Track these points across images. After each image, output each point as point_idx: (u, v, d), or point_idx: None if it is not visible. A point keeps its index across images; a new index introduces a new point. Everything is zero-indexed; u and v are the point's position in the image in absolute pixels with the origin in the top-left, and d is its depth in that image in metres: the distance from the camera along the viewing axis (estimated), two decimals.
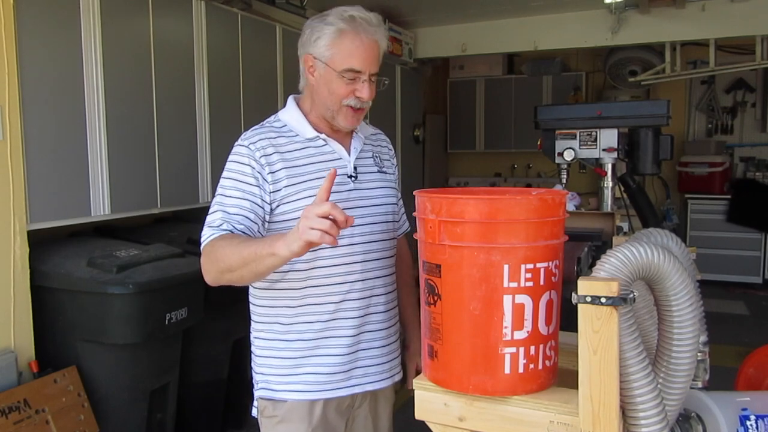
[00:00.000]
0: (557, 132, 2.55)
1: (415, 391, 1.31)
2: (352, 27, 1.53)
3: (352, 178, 1.64)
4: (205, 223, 1.52)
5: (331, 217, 1.25)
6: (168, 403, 2.77)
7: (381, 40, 1.57)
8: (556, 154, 2.56)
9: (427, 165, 6.96)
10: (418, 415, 1.31)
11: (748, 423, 1.31)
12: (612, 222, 2.48)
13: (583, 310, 1.11)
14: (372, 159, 1.72)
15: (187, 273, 2.61)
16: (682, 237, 2.72)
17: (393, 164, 1.80)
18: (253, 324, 1.68)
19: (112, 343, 2.51)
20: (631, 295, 1.10)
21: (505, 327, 1.18)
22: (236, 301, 2.08)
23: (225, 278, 1.45)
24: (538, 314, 1.19)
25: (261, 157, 1.54)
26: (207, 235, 1.49)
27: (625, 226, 2.65)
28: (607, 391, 1.10)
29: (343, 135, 1.67)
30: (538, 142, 2.63)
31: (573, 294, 1.10)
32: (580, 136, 2.53)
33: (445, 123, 7.53)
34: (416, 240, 1.29)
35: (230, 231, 1.48)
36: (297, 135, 1.62)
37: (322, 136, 1.62)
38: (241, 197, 1.52)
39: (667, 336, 1.18)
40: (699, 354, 1.31)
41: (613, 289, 1.08)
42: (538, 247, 1.18)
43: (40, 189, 2.58)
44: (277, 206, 1.55)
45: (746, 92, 6.85)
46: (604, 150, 2.51)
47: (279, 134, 1.61)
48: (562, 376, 1.27)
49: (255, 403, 1.68)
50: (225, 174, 1.56)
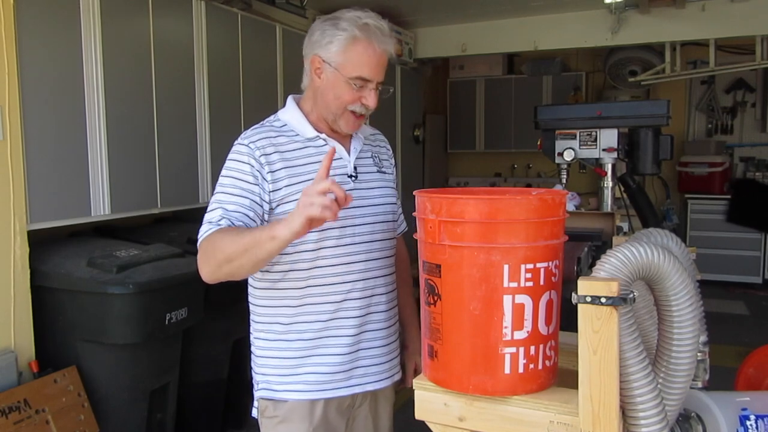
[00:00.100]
0: (557, 132, 2.55)
1: (415, 391, 1.31)
2: (365, 35, 1.53)
3: (353, 178, 1.64)
4: (203, 220, 1.52)
5: (331, 193, 1.28)
6: (168, 403, 2.78)
7: (391, 50, 1.58)
8: (556, 154, 2.56)
9: (427, 165, 6.96)
10: (418, 415, 1.31)
11: (747, 423, 1.31)
12: (612, 222, 2.48)
13: (583, 310, 1.11)
14: (371, 159, 1.72)
15: (187, 273, 2.61)
16: (682, 237, 2.72)
17: (391, 164, 1.81)
18: (252, 324, 1.68)
19: (112, 343, 2.51)
20: (631, 295, 1.10)
21: (505, 327, 1.18)
22: (236, 301, 2.08)
23: (223, 271, 1.43)
24: (538, 314, 1.19)
25: (261, 156, 1.54)
26: (205, 230, 1.48)
27: (625, 226, 2.65)
28: (607, 391, 1.10)
29: (343, 135, 1.67)
30: (538, 142, 2.62)
31: (573, 294, 1.11)
32: (580, 136, 2.53)
33: (445, 123, 7.53)
34: (416, 240, 1.29)
35: (229, 226, 1.47)
36: (297, 135, 1.61)
37: (323, 135, 1.62)
38: (240, 195, 1.51)
39: (667, 336, 1.18)
40: (699, 354, 1.31)
41: (613, 289, 1.08)
42: (538, 247, 1.19)
43: (40, 189, 2.58)
44: (277, 205, 1.55)
45: (746, 92, 6.85)
46: (604, 150, 2.51)
47: (279, 133, 1.61)
48: (562, 376, 1.27)
49: (255, 403, 1.68)
50: (224, 172, 1.56)
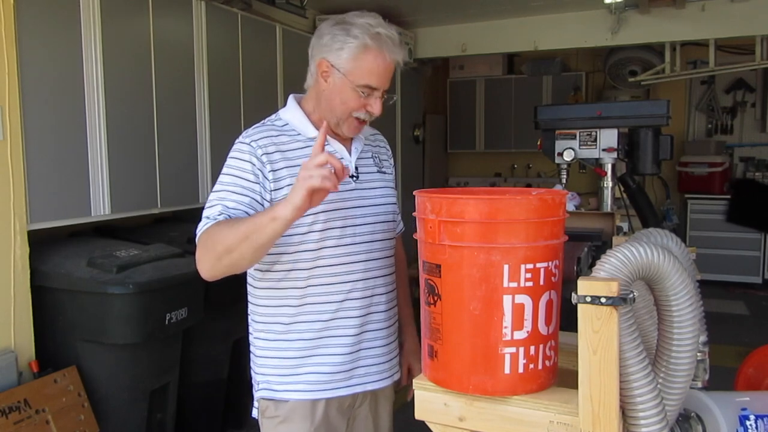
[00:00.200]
0: (557, 132, 2.55)
1: (415, 391, 1.31)
2: (377, 44, 1.53)
3: (354, 178, 1.64)
4: (202, 216, 1.51)
5: (329, 166, 1.30)
6: (168, 403, 2.78)
7: (400, 59, 1.58)
8: (556, 154, 2.56)
9: (427, 165, 6.96)
10: (418, 415, 1.31)
11: (747, 423, 1.31)
12: (612, 222, 2.48)
13: (583, 310, 1.11)
14: (372, 159, 1.72)
15: (187, 273, 2.61)
16: (682, 237, 2.72)
17: (391, 164, 1.81)
18: (252, 324, 1.68)
19: (112, 343, 2.51)
20: (631, 295, 1.10)
21: (505, 327, 1.18)
22: (236, 301, 2.08)
23: (223, 263, 1.41)
24: (538, 314, 1.19)
25: (263, 155, 1.54)
26: (203, 224, 1.47)
27: (625, 226, 2.65)
28: (607, 391, 1.10)
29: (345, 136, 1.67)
30: (538, 142, 2.62)
31: (573, 294, 1.11)
32: (580, 136, 2.52)
33: (445, 123, 7.53)
34: (416, 240, 1.29)
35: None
36: (299, 134, 1.61)
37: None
38: (240, 193, 1.51)
39: (667, 336, 1.18)
40: (699, 354, 1.31)
41: (613, 289, 1.08)
42: (538, 247, 1.19)
43: (40, 189, 2.58)
44: None
45: (746, 92, 6.85)
46: (604, 150, 2.51)
47: (281, 132, 1.60)
48: (562, 376, 1.27)
49: (255, 403, 1.68)
50: (225, 170, 1.56)
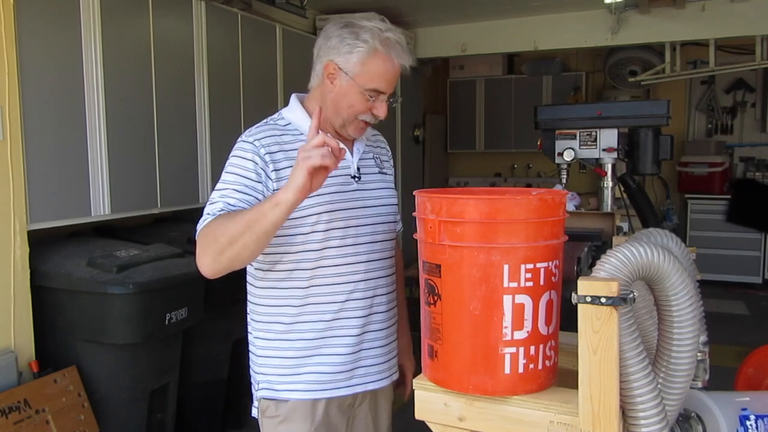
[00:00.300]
0: (557, 132, 2.55)
1: (415, 391, 1.31)
2: (386, 49, 1.53)
3: (356, 179, 1.64)
4: (203, 212, 1.50)
5: (326, 146, 1.32)
6: (168, 403, 2.78)
7: (407, 64, 1.59)
8: (556, 154, 2.56)
9: (427, 165, 6.96)
10: (418, 415, 1.31)
11: (747, 423, 1.31)
12: (612, 222, 2.48)
13: (583, 310, 1.11)
14: (373, 160, 1.73)
15: (187, 273, 2.61)
16: (682, 237, 2.72)
17: (391, 165, 1.81)
18: (252, 324, 1.68)
19: (112, 343, 2.51)
20: (631, 295, 1.10)
21: (505, 327, 1.18)
22: (236, 301, 2.07)
23: (225, 256, 1.40)
24: (538, 314, 1.19)
25: (265, 154, 1.54)
26: (204, 220, 1.47)
27: (625, 226, 2.65)
28: (607, 391, 1.10)
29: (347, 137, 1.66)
30: (538, 142, 2.62)
31: (573, 294, 1.11)
32: (580, 136, 2.52)
33: (445, 123, 7.53)
34: (416, 240, 1.29)
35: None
36: (302, 134, 1.61)
37: (327, 136, 1.61)
38: (242, 191, 1.51)
39: (667, 336, 1.18)
40: (699, 354, 1.31)
41: (613, 289, 1.08)
42: (538, 247, 1.19)
43: (40, 189, 2.58)
44: None
45: (746, 92, 6.85)
46: (604, 150, 2.51)
47: (284, 132, 1.60)
48: (562, 376, 1.27)
49: (255, 403, 1.68)
50: (228, 168, 1.55)
